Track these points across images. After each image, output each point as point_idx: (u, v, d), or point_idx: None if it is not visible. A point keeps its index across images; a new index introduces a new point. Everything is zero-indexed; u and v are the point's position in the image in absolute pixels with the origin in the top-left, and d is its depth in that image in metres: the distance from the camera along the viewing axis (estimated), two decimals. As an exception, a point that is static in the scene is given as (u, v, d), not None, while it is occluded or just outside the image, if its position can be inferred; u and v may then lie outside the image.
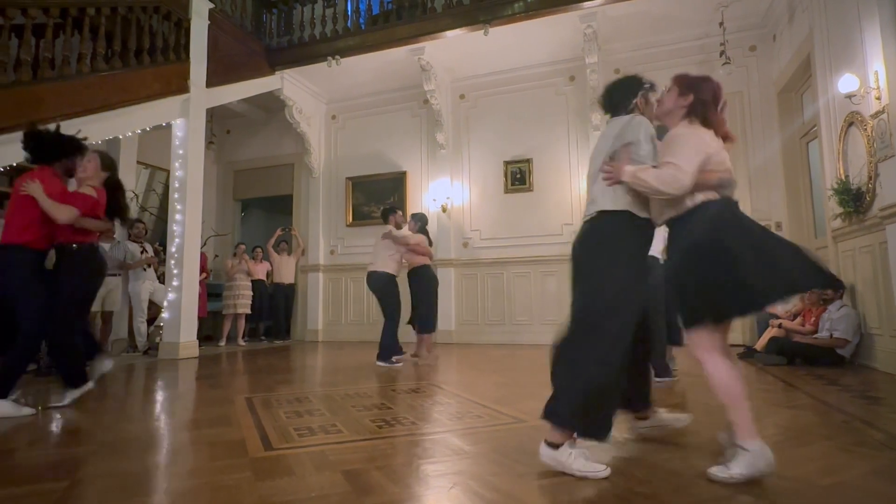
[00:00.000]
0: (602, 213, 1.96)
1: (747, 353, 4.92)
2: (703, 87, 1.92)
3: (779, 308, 5.44)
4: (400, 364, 4.89)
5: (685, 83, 1.95)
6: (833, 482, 1.68)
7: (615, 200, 1.93)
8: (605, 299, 1.86)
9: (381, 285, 4.97)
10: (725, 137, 1.93)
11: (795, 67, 5.49)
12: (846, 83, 4.13)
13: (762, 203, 6.20)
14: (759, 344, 4.82)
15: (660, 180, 1.78)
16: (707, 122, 1.89)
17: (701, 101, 1.90)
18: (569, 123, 7.04)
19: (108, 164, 3.29)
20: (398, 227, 5.17)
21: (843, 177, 4.44)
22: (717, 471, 1.69)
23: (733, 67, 6.03)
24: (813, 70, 5.05)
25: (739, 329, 6.18)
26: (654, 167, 1.84)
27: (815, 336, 4.50)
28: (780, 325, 4.81)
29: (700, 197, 1.82)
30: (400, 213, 5.36)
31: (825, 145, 4.90)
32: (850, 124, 4.31)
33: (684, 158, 1.78)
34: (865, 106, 4.04)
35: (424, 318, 5.10)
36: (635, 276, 1.91)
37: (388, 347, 4.90)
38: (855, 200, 4.23)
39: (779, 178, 6.14)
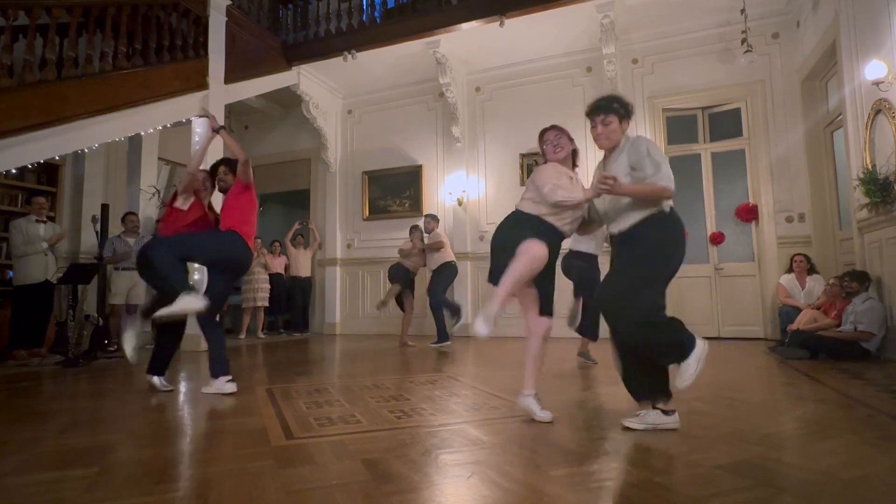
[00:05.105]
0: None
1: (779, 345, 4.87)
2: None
3: (801, 300, 5.35)
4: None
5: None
6: (857, 476, 1.65)
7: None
8: None
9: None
10: None
11: (820, 54, 5.35)
12: (873, 70, 4.02)
13: (784, 194, 6.07)
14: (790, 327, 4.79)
15: None
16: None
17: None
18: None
19: None
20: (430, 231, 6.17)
21: (869, 166, 4.33)
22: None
23: (755, 55, 5.89)
24: (838, 57, 4.92)
25: (760, 323, 6.09)
26: None
27: (839, 329, 4.41)
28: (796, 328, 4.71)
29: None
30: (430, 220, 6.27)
31: (851, 134, 4.78)
32: (878, 112, 4.20)
33: None
34: (893, 93, 3.93)
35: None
36: None
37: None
38: (882, 190, 4.11)
39: (802, 168, 6.00)
